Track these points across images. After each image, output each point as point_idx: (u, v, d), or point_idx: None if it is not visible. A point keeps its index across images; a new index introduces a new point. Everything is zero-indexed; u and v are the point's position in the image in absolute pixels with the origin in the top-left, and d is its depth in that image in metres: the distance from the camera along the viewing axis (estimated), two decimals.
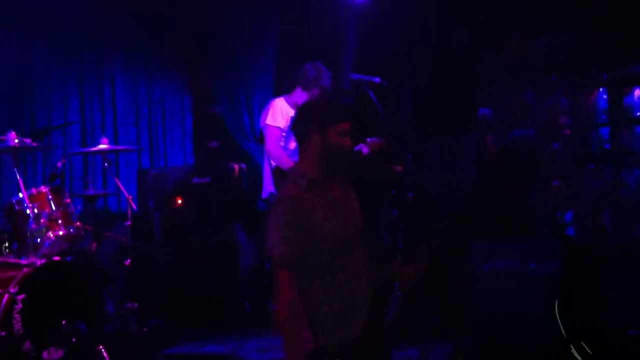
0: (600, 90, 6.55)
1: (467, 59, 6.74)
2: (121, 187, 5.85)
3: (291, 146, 5.77)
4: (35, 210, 5.17)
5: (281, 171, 5.61)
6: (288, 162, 5.54)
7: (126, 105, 7.47)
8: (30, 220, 5.12)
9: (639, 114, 6.41)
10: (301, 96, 5.79)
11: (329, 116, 3.44)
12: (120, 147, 6.75)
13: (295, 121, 3.58)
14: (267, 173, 5.89)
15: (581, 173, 6.61)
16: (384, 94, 5.28)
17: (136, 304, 5.60)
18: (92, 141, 7.08)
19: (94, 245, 5.71)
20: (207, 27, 7.68)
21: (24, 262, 4.96)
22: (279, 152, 5.71)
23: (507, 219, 6.21)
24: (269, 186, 5.83)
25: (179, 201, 6.67)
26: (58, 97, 7.04)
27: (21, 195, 5.19)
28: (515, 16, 6.64)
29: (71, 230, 5.37)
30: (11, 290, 4.70)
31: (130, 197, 5.69)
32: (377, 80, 5.38)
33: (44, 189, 5.39)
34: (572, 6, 6.37)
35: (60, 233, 5.30)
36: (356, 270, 3.41)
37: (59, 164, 5.77)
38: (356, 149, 5.85)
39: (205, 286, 6.50)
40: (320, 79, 5.79)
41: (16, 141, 5.16)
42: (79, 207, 6.25)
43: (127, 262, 5.64)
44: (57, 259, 5.09)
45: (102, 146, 5.71)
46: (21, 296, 4.71)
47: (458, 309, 5.57)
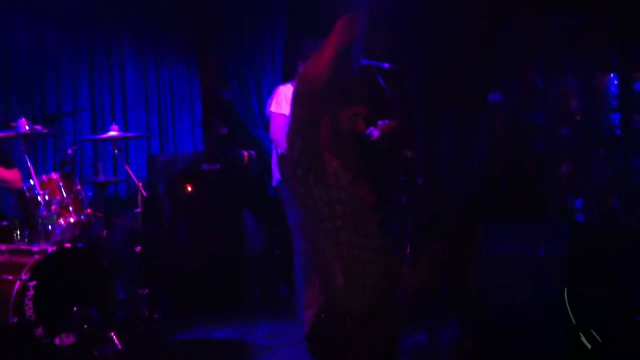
0: (611, 75, 6.52)
1: (478, 40, 6.72)
2: (131, 173, 5.86)
3: None
4: (46, 197, 5.19)
5: (287, 159, 5.59)
6: None
7: (136, 91, 7.48)
8: (41, 207, 5.14)
9: None
10: None
11: (341, 98, 3.43)
12: (130, 134, 6.76)
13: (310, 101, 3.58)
14: (274, 161, 5.88)
15: (591, 158, 6.59)
16: (394, 77, 5.26)
17: (147, 290, 5.63)
18: (102, 127, 7.10)
19: (104, 232, 5.73)
20: (216, 10, 7.66)
21: (35, 248, 4.98)
22: (283, 139, 5.68)
23: (517, 202, 6.20)
24: (277, 174, 5.82)
25: (188, 188, 6.68)
26: (68, 83, 7.05)
27: (32, 182, 5.20)
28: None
29: (82, 217, 5.40)
30: (23, 277, 4.74)
31: (140, 184, 5.70)
32: (386, 65, 5.37)
33: (54, 175, 5.41)
34: None
35: (71, 220, 5.32)
36: (371, 241, 3.39)
37: (69, 151, 5.78)
38: (367, 132, 5.83)
39: (215, 272, 6.54)
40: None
41: (27, 128, 5.17)
42: (89, 193, 6.30)
43: (138, 248, 5.67)
44: (68, 245, 5.11)
45: (112, 133, 5.72)
46: (33, 283, 4.75)
47: (467, 293, 5.57)
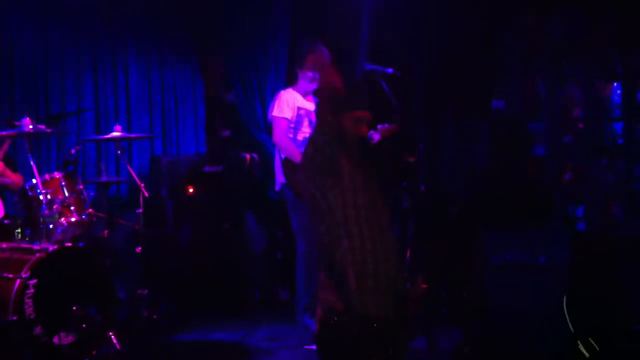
0: (614, 84, 6.52)
1: (481, 44, 6.73)
2: (133, 174, 5.87)
3: (299, 137, 5.76)
4: (49, 196, 5.20)
5: (290, 162, 5.60)
6: (297, 152, 5.52)
7: (139, 92, 7.50)
8: (43, 206, 5.15)
9: None
10: (303, 78, 5.78)
11: (344, 102, 3.46)
12: (133, 135, 6.77)
13: (316, 106, 3.62)
14: (278, 165, 5.88)
15: (594, 166, 6.59)
16: (397, 83, 5.27)
17: (147, 290, 5.63)
18: (105, 127, 7.12)
19: (105, 231, 5.75)
20: (220, 13, 7.68)
21: (36, 247, 4.99)
22: (286, 143, 5.68)
23: (519, 209, 6.20)
24: (280, 178, 5.83)
25: (190, 189, 6.69)
26: (72, 83, 7.07)
27: (35, 181, 5.22)
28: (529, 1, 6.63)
29: (84, 216, 5.41)
30: (23, 275, 4.74)
31: (142, 185, 5.71)
32: (390, 70, 5.38)
33: (57, 175, 5.43)
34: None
35: (73, 219, 5.34)
36: (378, 248, 3.40)
37: (72, 151, 5.82)
38: (367, 136, 5.82)
39: (216, 274, 6.54)
40: (311, 49, 5.74)
41: (30, 127, 5.18)
42: (91, 193, 6.31)
43: (139, 249, 5.67)
44: (70, 244, 5.12)
45: (115, 134, 5.73)
46: (33, 281, 4.75)
47: (467, 299, 5.58)
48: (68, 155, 5.82)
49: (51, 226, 5.18)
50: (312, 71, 5.72)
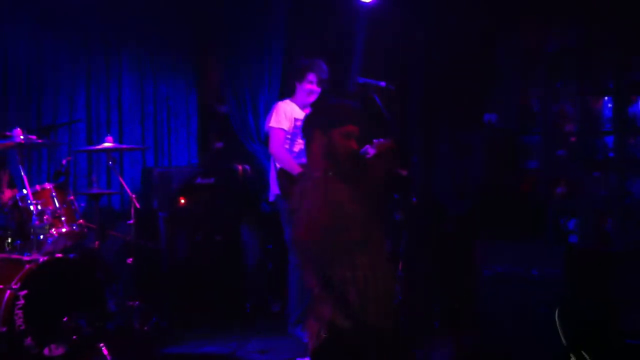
0: (606, 98, 6.55)
1: (476, 58, 6.75)
2: (125, 185, 5.85)
3: (295, 149, 5.76)
4: (39, 207, 5.18)
5: (286, 173, 5.59)
6: (293, 164, 5.52)
7: (132, 103, 7.49)
8: (34, 217, 5.12)
9: None
10: (301, 90, 5.79)
11: (333, 117, 3.46)
12: (125, 146, 6.76)
13: (303, 123, 3.61)
14: (272, 176, 5.87)
15: (586, 180, 6.61)
16: (392, 96, 5.27)
17: (138, 302, 5.60)
18: (97, 139, 7.10)
19: (97, 243, 5.72)
20: (214, 25, 7.69)
21: (26, 258, 4.97)
22: (283, 155, 5.68)
23: (512, 222, 6.21)
24: (275, 189, 5.82)
25: (182, 201, 6.67)
26: (65, 94, 7.06)
27: (25, 191, 5.19)
28: (524, 15, 6.65)
29: (74, 227, 5.39)
30: (13, 287, 4.72)
31: (133, 196, 5.69)
32: (383, 84, 5.38)
33: (48, 186, 5.41)
34: (578, 13, 6.39)
35: (64, 230, 5.32)
36: (375, 262, 3.40)
37: (63, 162, 5.78)
38: (362, 151, 5.83)
39: (208, 286, 6.51)
40: (313, 65, 5.76)
41: (22, 137, 5.17)
42: (82, 205, 6.29)
43: (129, 260, 5.64)
44: (60, 256, 5.11)
45: (106, 144, 5.71)
46: (23, 292, 4.73)
47: (460, 312, 5.57)
48: (59, 166, 5.78)
49: (42, 237, 5.15)
50: (311, 85, 5.75)
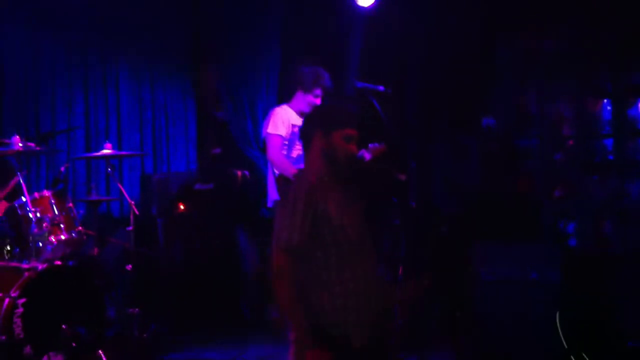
0: (605, 101, 6.55)
1: (474, 62, 6.75)
2: (124, 192, 5.84)
3: (293, 154, 5.74)
4: (38, 215, 5.16)
5: (285, 179, 5.58)
6: (292, 169, 5.51)
7: (130, 110, 7.49)
8: (33, 224, 5.11)
9: None
10: (303, 100, 5.77)
11: (335, 120, 3.47)
12: (123, 153, 6.75)
13: (303, 124, 3.61)
14: (270, 181, 5.86)
15: (584, 183, 6.60)
16: (389, 97, 5.27)
17: (137, 309, 5.59)
18: (96, 146, 7.09)
19: (96, 250, 5.71)
20: (212, 32, 7.70)
21: (25, 266, 4.95)
22: (281, 160, 5.67)
23: (510, 225, 6.20)
24: (273, 194, 5.80)
25: (181, 207, 6.67)
26: (63, 101, 7.06)
27: (24, 199, 5.18)
28: (521, 16, 6.65)
29: (73, 234, 5.37)
30: (12, 295, 4.71)
31: (132, 202, 5.68)
32: (381, 88, 5.38)
33: (47, 193, 5.38)
34: (577, 15, 6.39)
35: (63, 237, 5.29)
36: (364, 270, 3.40)
37: (62, 169, 5.77)
38: (358, 155, 5.82)
39: (207, 292, 6.50)
40: (321, 79, 5.76)
41: (20, 145, 5.16)
42: (81, 212, 6.27)
43: (129, 267, 5.63)
44: (59, 263, 5.09)
45: (105, 151, 5.71)
46: (22, 300, 4.71)
47: (458, 315, 5.56)
48: (58, 173, 5.78)
49: (40, 245, 5.13)
50: (315, 99, 5.73)
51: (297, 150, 5.73)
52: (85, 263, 5.58)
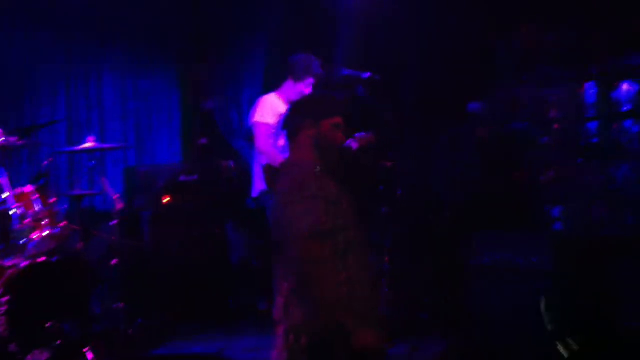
0: (589, 84, 6.53)
1: (472, 52, 6.73)
2: (107, 185, 5.79)
3: (280, 143, 5.70)
4: (21, 210, 5.10)
5: (273, 168, 5.53)
6: (280, 158, 5.47)
7: (113, 102, 7.43)
8: (15, 220, 5.05)
9: (626, 108, 6.39)
10: (293, 88, 5.71)
11: (323, 108, 3.44)
12: (106, 146, 6.67)
13: (289, 113, 3.57)
14: (256, 171, 5.82)
15: (570, 167, 6.59)
16: (382, 87, 5.23)
17: (123, 303, 5.55)
18: (78, 138, 7.00)
19: (80, 244, 5.65)
20: (196, 22, 7.64)
21: (7, 263, 4.90)
22: (270, 149, 5.62)
23: (499, 212, 6.19)
24: (259, 184, 5.76)
25: (166, 199, 6.62)
26: (45, 94, 7.00)
27: (5, 195, 5.11)
28: (515, 11, 6.63)
29: (57, 230, 5.31)
30: None
31: (116, 196, 5.63)
32: (365, 75, 5.34)
33: (29, 188, 5.32)
34: (577, 15, 6.37)
35: (46, 233, 5.23)
36: (363, 258, 3.38)
37: (45, 163, 5.70)
38: (345, 144, 5.77)
39: (194, 285, 6.47)
40: (312, 67, 5.70)
41: (2, 139, 5.10)
42: (65, 206, 6.20)
43: (114, 261, 5.59)
44: (42, 259, 5.03)
45: (87, 145, 5.64)
46: (5, 298, 4.67)
47: (449, 303, 5.55)
48: (40, 167, 5.71)
49: (23, 241, 5.07)
50: (306, 89, 5.67)
51: (285, 140, 5.69)
52: (69, 258, 5.51)
